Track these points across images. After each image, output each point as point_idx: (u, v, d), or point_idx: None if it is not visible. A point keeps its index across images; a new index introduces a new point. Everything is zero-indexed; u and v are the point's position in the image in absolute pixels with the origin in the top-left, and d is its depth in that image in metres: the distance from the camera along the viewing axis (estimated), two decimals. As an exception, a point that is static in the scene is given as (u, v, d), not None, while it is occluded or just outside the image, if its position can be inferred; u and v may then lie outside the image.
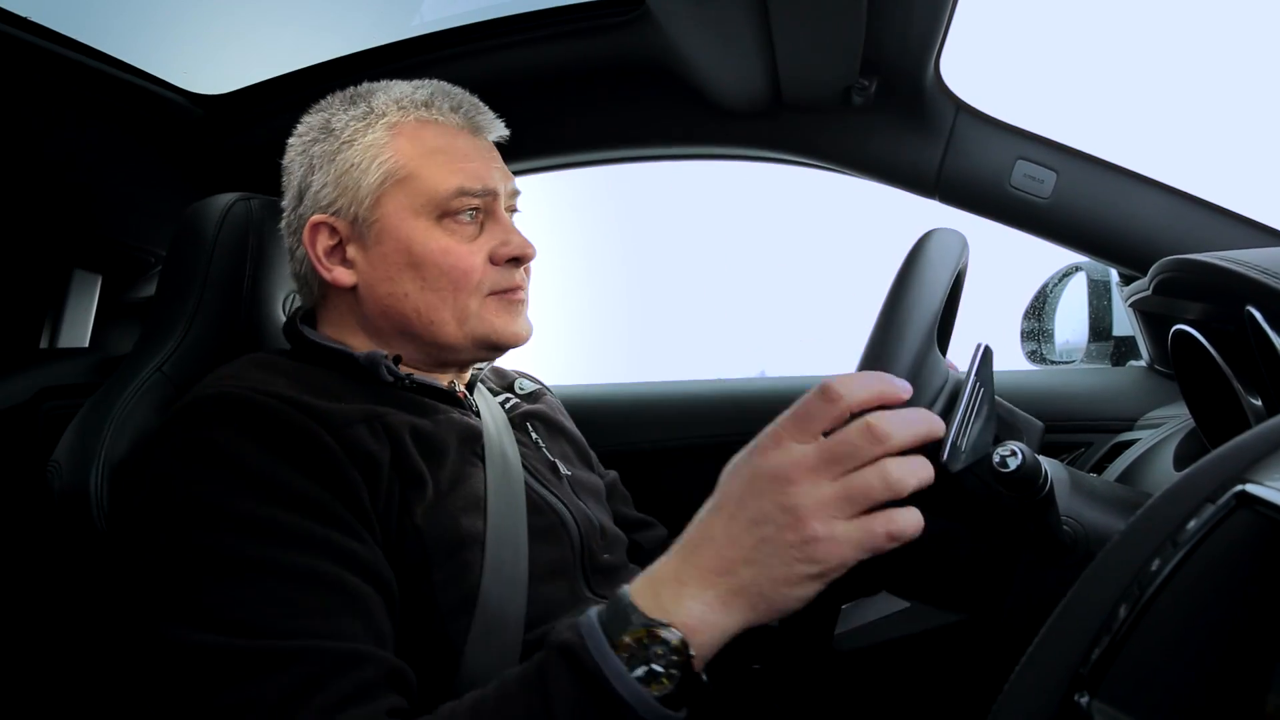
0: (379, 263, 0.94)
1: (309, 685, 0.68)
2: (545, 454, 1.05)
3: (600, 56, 1.39)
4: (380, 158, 0.94)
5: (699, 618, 0.62)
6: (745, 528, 0.62)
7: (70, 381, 1.30)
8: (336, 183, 0.94)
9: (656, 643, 0.61)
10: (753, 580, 0.62)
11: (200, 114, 1.50)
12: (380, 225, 0.94)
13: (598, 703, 0.61)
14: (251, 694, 0.67)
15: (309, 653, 0.69)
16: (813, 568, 0.60)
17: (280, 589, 0.72)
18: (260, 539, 0.73)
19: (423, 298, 0.94)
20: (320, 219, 0.95)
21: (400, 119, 0.96)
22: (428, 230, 0.94)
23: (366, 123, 0.95)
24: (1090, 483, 0.77)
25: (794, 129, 1.43)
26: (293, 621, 0.71)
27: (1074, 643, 0.47)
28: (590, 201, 2.53)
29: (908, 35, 1.21)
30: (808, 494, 0.60)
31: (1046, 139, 1.35)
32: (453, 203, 0.94)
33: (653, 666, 0.61)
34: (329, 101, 1.01)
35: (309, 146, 0.98)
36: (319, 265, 0.95)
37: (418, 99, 0.97)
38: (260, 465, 0.76)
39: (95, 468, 0.95)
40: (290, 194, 1.00)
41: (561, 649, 0.63)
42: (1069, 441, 1.45)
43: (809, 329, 2.75)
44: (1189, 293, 1.05)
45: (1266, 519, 0.44)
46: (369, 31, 1.43)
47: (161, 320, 1.09)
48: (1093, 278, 1.62)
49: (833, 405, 0.62)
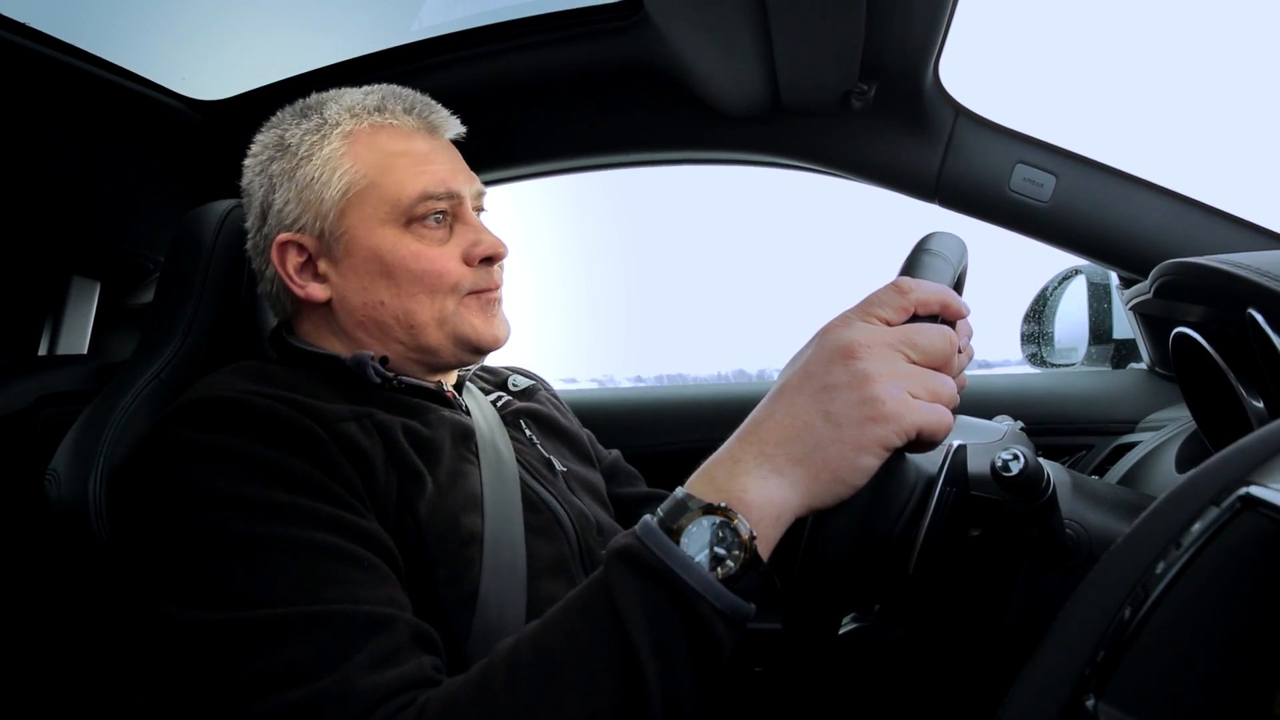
0: (351, 274, 0.94)
1: (346, 645, 0.68)
2: (540, 450, 1.05)
3: (599, 62, 1.39)
4: (340, 169, 0.93)
5: (757, 493, 0.60)
6: (811, 396, 0.61)
7: (69, 388, 1.30)
8: (298, 199, 0.93)
9: (717, 525, 0.60)
10: (816, 446, 0.60)
11: (199, 119, 1.50)
12: (348, 237, 0.93)
13: (666, 596, 0.59)
14: (290, 658, 0.67)
15: (337, 616, 0.69)
16: (881, 428, 0.59)
17: (295, 563, 0.72)
18: (269, 519, 0.73)
19: (399, 304, 0.93)
20: (286, 237, 0.94)
21: (354, 126, 0.95)
22: (396, 237, 0.93)
23: (321, 134, 0.94)
24: (1092, 486, 0.77)
25: (793, 134, 1.43)
26: (314, 591, 0.71)
27: (1079, 646, 0.47)
28: (589, 204, 2.53)
29: (907, 40, 1.21)
30: (880, 361, 0.61)
31: (1046, 143, 1.35)
32: (418, 208, 0.93)
33: (715, 549, 0.59)
34: (280, 117, 0.99)
35: (266, 165, 0.96)
36: (291, 283, 0.95)
37: (369, 104, 0.96)
38: (259, 454, 0.77)
39: (93, 475, 0.94)
40: (253, 215, 0.98)
41: (619, 553, 0.61)
42: (1070, 444, 1.45)
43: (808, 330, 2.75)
44: (1189, 295, 1.05)
45: (1271, 521, 0.44)
46: (368, 37, 1.43)
47: (160, 327, 1.09)
48: (1093, 281, 1.62)
49: (902, 297, 0.64)
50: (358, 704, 0.65)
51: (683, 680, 0.59)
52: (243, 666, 0.67)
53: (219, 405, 0.80)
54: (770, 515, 0.60)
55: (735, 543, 0.59)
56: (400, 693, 0.66)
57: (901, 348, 0.62)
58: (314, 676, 0.66)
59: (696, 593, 0.59)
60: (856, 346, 0.61)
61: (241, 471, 0.76)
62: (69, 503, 0.94)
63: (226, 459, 0.76)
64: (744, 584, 0.60)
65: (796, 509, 0.61)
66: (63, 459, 0.98)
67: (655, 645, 0.58)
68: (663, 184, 2.67)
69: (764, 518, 0.60)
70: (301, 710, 0.65)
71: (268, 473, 0.76)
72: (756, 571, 0.60)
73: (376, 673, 0.67)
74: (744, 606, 0.60)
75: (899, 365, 0.61)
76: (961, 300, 0.66)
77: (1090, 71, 2.42)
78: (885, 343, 0.62)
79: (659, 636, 0.59)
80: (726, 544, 0.59)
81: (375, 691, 0.66)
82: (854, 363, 0.61)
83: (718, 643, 0.60)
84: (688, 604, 0.59)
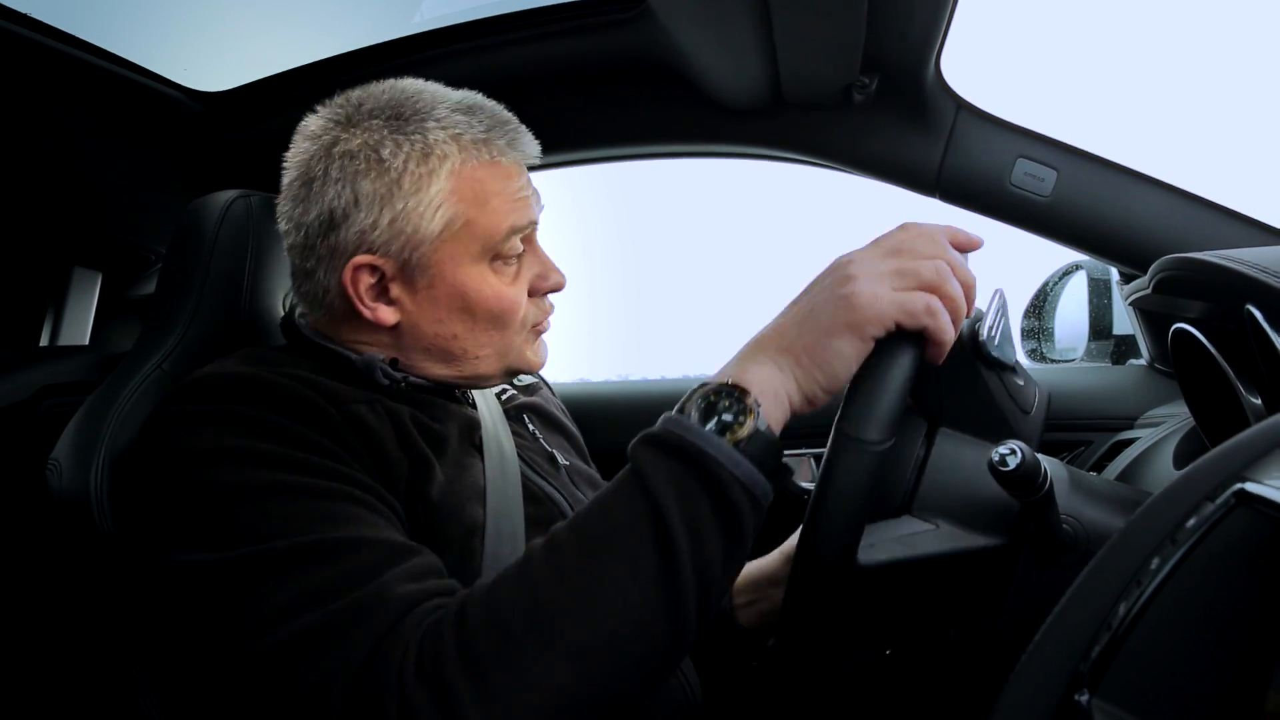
0: (429, 305, 0.90)
1: (379, 564, 0.70)
2: (543, 445, 1.05)
3: (601, 54, 1.39)
4: (444, 205, 0.87)
5: (754, 374, 0.68)
6: (802, 301, 0.71)
7: (70, 379, 1.30)
8: (391, 227, 0.86)
9: (721, 396, 0.67)
10: (798, 336, 0.69)
11: (200, 110, 1.50)
12: (435, 271, 0.88)
13: (688, 465, 0.65)
14: (324, 578, 0.68)
15: (369, 541, 0.72)
16: (852, 314, 0.67)
17: (317, 503, 0.73)
18: (285, 469, 0.74)
19: (471, 338, 0.92)
20: (366, 260, 0.87)
21: (462, 164, 0.87)
22: (482, 275, 0.90)
23: (428, 168, 0.86)
24: (1090, 481, 0.78)
25: (794, 127, 1.43)
26: (340, 525, 0.72)
27: (1074, 641, 0.47)
28: (587, 197, 2.53)
29: (908, 33, 1.21)
30: (863, 265, 0.69)
31: (1047, 137, 1.35)
32: (504, 245, 0.90)
33: (722, 417, 0.66)
34: (373, 110, 0.89)
35: (353, 177, 0.86)
36: (359, 304, 0.89)
37: (476, 135, 0.88)
38: (269, 419, 0.77)
39: (95, 466, 0.95)
40: (314, 218, 0.88)
41: (642, 440, 0.68)
42: (1069, 440, 1.45)
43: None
44: (1189, 291, 1.05)
45: (1265, 517, 0.44)
46: (370, 28, 1.43)
47: (162, 318, 1.09)
48: (1093, 276, 1.62)
49: (904, 231, 0.72)
50: (397, 605, 0.67)
51: (712, 552, 0.64)
52: (277, 590, 0.68)
53: (225, 379, 0.80)
54: (768, 391, 0.68)
55: (740, 408, 0.66)
56: (436, 596, 0.69)
57: (891, 255, 0.70)
58: (351, 588, 0.68)
59: (713, 457, 0.64)
60: (848, 261, 0.71)
61: (252, 432, 0.76)
62: (70, 493, 0.94)
63: (236, 422, 0.77)
64: (753, 448, 0.65)
65: (792, 393, 0.69)
66: (64, 449, 0.98)
67: (685, 516, 0.64)
68: (662, 180, 2.67)
69: (763, 392, 0.67)
70: (340, 621, 0.67)
71: (279, 434, 0.77)
72: (763, 436, 0.66)
73: (413, 584, 0.69)
74: (757, 475, 0.66)
75: (880, 265, 0.69)
76: (976, 235, 0.74)
77: (1092, 66, 2.42)
78: (873, 255, 0.70)
79: (686, 507, 0.64)
80: (732, 411, 0.66)
81: (412, 596, 0.69)
82: (841, 270, 0.70)
83: (738, 511, 0.65)
84: (706, 469, 0.64)
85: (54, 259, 1.66)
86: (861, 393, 0.67)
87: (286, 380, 0.81)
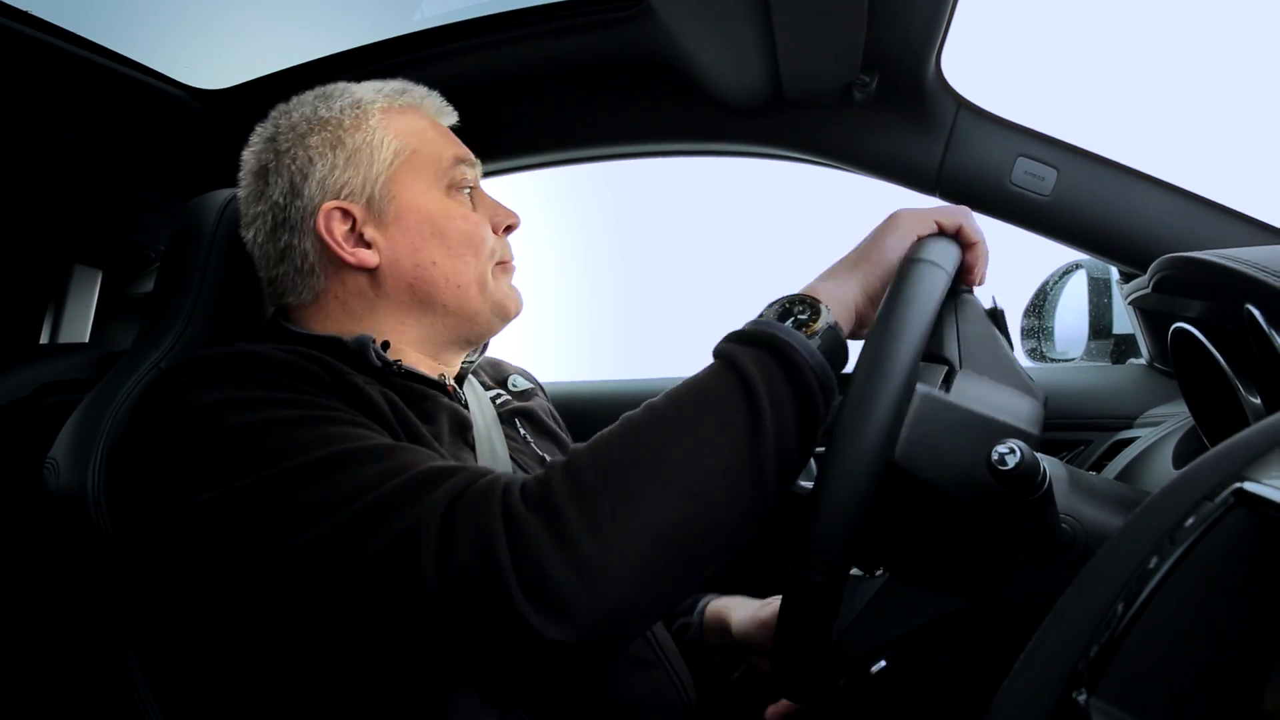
0: (401, 237, 0.95)
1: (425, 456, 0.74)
2: (534, 449, 1.05)
3: (601, 52, 1.39)
4: (386, 137, 0.96)
5: (824, 287, 0.80)
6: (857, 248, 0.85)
7: (70, 377, 1.30)
8: (346, 165, 0.95)
9: (795, 303, 0.78)
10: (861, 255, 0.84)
11: (201, 108, 1.50)
12: (398, 201, 0.96)
13: (770, 351, 0.72)
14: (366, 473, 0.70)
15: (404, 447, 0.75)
16: (897, 220, 0.84)
17: (338, 428, 0.75)
18: (294, 407, 0.76)
19: (450, 264, 0.96)
20: (334, 205, 0.94)
21: (389, 103, 0.99)
22: (442, 200, 0.97)
23: (361, 110, 0.97)
24: (1089, 480, 0.77)
25: (795, 125, 1.43)
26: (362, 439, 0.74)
27: (1072, 640, 0.47)
28: (587, 197, 2.53)
29: (909, 31, 1.21)
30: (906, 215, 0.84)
31: (1047, 136, 1.35)
32: (454, 173, 0.98)
33: (798, 317, 0.76)
34: (299, 102, 1.00)
35: (301, 139, 0.95)
36: (340, 250, 0.94)
37: (394, 89, 1.01)
38: (268, 377, 0.78)
39: (93, 464, 0.95)
40: (277, 193, 0.95)
41: (726, 337, 0.76)
42: (1068, 439, 1.45)
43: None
44: (1189, 290, 1.05)
45: (1264, 517, 0.44)
46: (370, 26, 1.43)
47: (160, 316, 1.09)
48: (1093, 275, 1.62)
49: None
50: (464, 473, 0.70)
51: (790, 424, 0.71)
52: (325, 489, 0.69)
53: (216, 355, 0.80)
54: (835, 298, 0.79)
55: (811, 310, 0.77)
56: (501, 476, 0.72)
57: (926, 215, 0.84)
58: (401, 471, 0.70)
59: (792, 345, 0.72)
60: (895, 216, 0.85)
61: (252, 385, 0.77)
62: (68, 491, 0.94)
63: (234, 382, 0.77)
64: (822, 341, 0.75)
65: (856, 295, 0.81)
66: (62, 447, 0.98)
67: (769, 389, 0.71)
68: (661, 179, 2.66)
69: (831, 300, 0.78)
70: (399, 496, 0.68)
71: (278, 385, 0.77)
72: (832, 332, 0.76)
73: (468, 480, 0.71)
74: (826, 366, 0.73)
75: (920, 214, 0.84)
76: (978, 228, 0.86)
77: (1093, 64, 2.41)
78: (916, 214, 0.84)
79: (771, 383, 0.71)
80: (806, 314, 0.76)
81: (479, 469, 0.72)
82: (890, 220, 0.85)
83: (811, 393, 0.72)
84: (785, 356, 0.72)
85: (54, 256, 1.66)
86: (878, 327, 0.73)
87: (282, 353, 0.81)
